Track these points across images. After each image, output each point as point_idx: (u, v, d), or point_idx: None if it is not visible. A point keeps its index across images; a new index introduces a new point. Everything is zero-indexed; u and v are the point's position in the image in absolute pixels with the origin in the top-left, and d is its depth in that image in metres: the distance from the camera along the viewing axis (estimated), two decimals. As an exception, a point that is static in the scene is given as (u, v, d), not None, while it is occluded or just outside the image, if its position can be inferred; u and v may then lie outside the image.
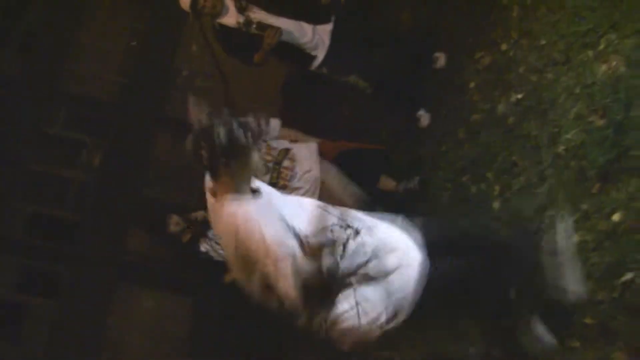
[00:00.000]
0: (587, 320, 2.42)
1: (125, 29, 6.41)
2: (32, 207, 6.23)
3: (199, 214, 4.10)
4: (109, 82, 6.39)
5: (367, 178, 3.82)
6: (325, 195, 3.46)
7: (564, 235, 2.58)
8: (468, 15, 3.82)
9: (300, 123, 4.11)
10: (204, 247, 4.09)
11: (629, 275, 2.30)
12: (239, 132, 2.05)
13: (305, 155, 3.64)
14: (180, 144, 2.20)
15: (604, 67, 2.64)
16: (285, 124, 3.89)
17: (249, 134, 2.07)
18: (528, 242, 2.69)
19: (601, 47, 2.68)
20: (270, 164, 3.42)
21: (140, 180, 6.35)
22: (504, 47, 3.37)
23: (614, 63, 2.59)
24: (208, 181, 2.22)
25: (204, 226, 4.00)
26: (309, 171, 3.57)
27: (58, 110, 6.32)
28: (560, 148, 2.77)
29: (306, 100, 5.07)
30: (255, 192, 2.15)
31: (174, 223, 4.15)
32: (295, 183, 3.53)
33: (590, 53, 2.75)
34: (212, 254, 4.07)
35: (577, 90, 2.78)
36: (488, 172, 3.26)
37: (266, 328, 4.38)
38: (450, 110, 3.79)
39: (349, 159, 3.80)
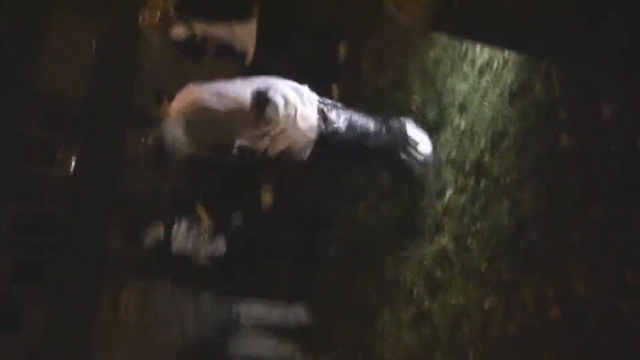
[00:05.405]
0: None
1: (89, 29, 6.98)
2: (16, 206, 6.69)
3: None
4: (78, 80, 6.90)
5: None
6: None
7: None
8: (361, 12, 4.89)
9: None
10: (174, 247, 4.57)
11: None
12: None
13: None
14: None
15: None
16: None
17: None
18: None
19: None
20: None
21: (116, 171, 6.87)
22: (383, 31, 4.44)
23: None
24: None
25: None
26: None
27: (31, 112, 6.85)
28: (414, 105, 3.83)
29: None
30: None
31: (150, 237, 4.53)
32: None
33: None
34: (184, 251, 4.59)
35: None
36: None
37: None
38: (354, 86, 4.83)
39: None
